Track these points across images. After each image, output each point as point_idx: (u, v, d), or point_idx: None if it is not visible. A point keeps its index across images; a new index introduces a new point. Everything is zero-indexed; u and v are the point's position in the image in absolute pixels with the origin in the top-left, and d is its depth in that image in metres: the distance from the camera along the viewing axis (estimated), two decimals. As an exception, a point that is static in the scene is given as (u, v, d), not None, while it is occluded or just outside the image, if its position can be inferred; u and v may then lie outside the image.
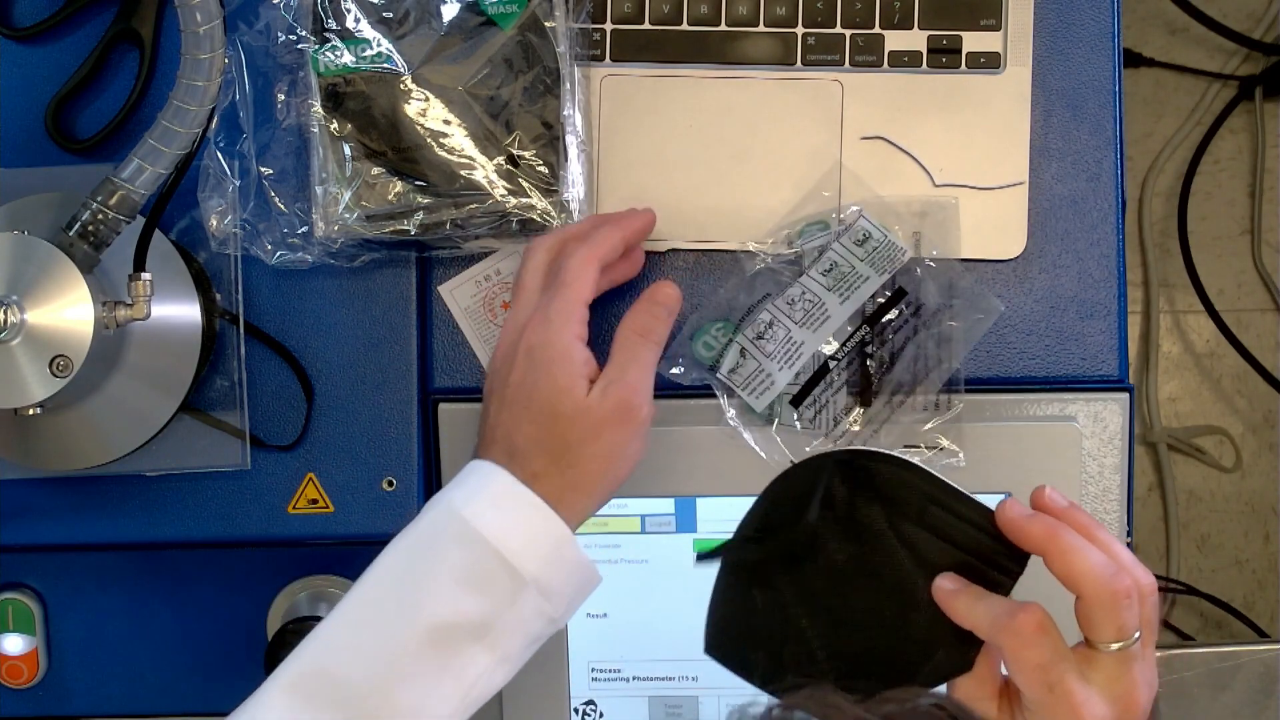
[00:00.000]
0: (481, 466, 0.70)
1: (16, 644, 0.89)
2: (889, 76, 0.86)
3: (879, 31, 0.86)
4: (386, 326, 0.86)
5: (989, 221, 0.86)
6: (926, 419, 0.84)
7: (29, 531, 0.86)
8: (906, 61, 0.86)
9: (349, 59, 0.82)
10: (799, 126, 0.86)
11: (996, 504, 0.62)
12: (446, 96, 0.82)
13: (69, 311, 0.73)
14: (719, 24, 0.86)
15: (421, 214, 0.82)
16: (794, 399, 0.85)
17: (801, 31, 0.86)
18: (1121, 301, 0.87)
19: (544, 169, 0.82)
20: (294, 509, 0.86)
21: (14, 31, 0.86)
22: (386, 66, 0.82)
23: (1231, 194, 1.71)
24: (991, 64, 0.86)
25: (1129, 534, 0.87)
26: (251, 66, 0.84)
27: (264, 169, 0.83)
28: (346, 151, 0.82)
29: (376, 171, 0.82)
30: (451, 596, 0.66)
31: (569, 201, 0.82)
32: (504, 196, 0.82)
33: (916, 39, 0.86)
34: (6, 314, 0.72)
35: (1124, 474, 0.86)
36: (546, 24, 0.82)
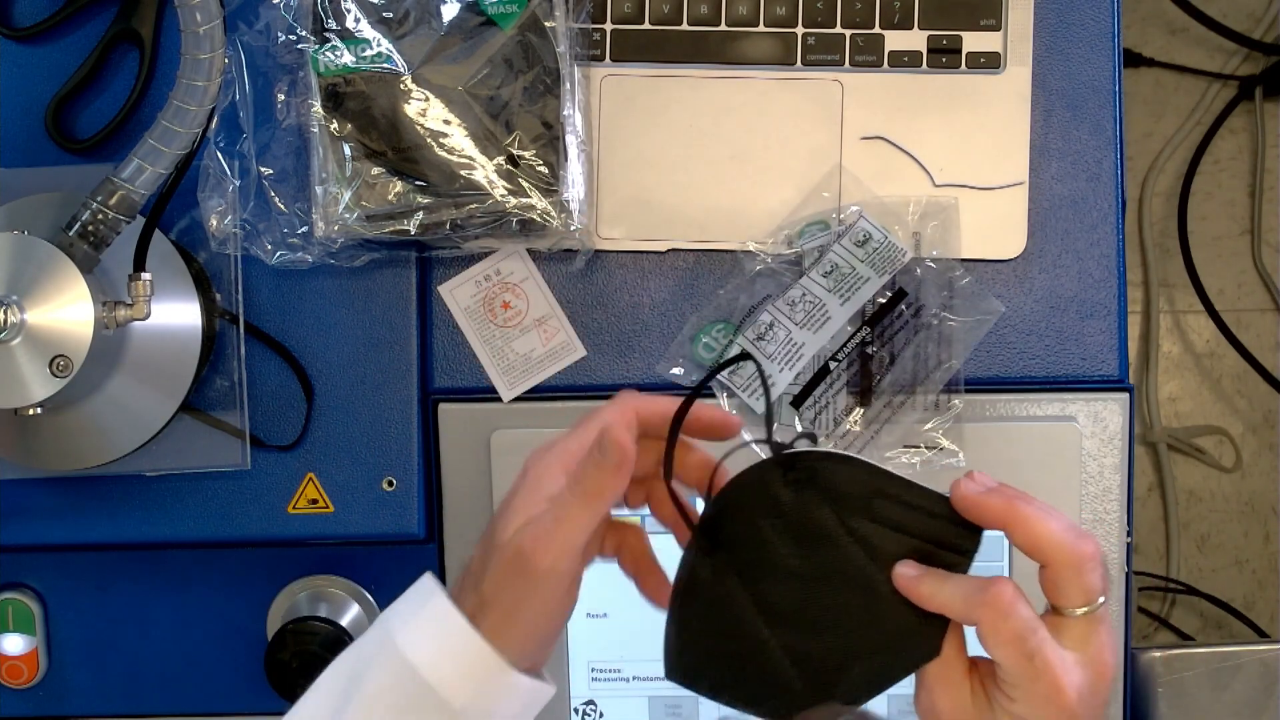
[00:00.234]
0: (424, 585, 0.66)
1: (16, 644, 0.89)
2: (889, 76, 0.86)
3: (879, 31, 0.86)
4: (386, 326, 0.86)
5: (989, 221, 0.86)
6: (926, 419, 0.84)
7: (29, 531, 0.86)
8: (906, 61, 0.86)
9: (349, 59, 0.82)
10: (799, 126, 0.86)
11: (950, 484, 0.62)
12: (446, 96, 0.82)
13: (69, 311, 0.73)
14: (719, 24, 0.86)
15: (421, 214, 0.82)
16: (795, 400, 0.85)
17: (801, 31, 0.86)
18: (1121, 301, 0.87)
19: (544, 169, 0.82)
20: (294, 509, 0.86)
21: (14, 31, 0.86)
22: (386, 66, 0.82)
23: (1231, 194, 1.71)
24: (991, 64, 0.86)
25: (1129, 534, 0.87)
26: (251, 66, 0.84)
27: (264, 169, 0.83)
28: (346, 151, 0.82)
29: (376, 171, 0.82)
30: None
31: (569, 201, 0.82)
32: (504, 196, 0.81)
33: (916, 39, 0.86)
34: (6, 314, 0.72)
35: (1124, 474, 0.86)
36: (546, 24, 0.82)
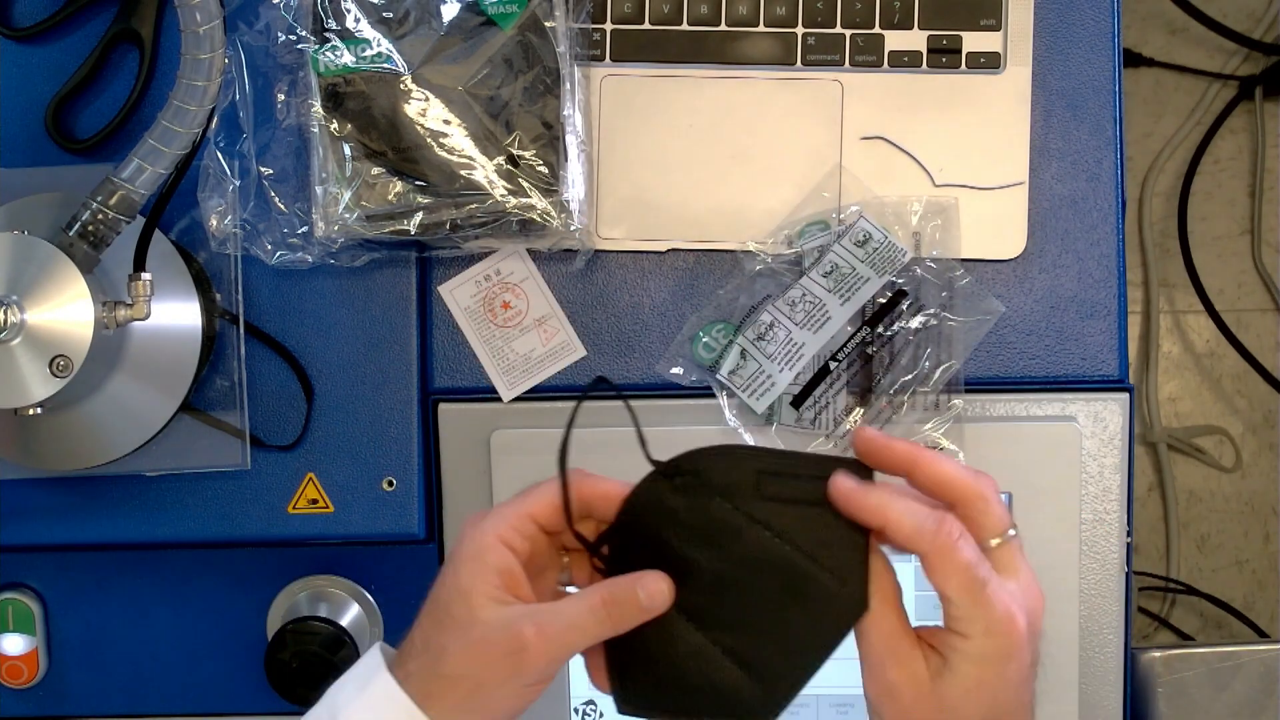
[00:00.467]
0: (371, 660, 0.65)
1: (16, 644, 0.88)
2: (889, 76, 0.86)
3: (879, 31, 0.86)
4: (386, 326, 0.86)
5: (989, 221, 0.86)
6: (926, 419, 0.84)
7: (29, 531, 0.86)
8: (906, 61, 0.86)
9: (349, 59, 0.82)
10: (799, 126, 0.86)
11: (853, 435, 0.63)
12: (446, 96, 0.82)
13: (69, 311, 0.73)
14: (719, 24, 0.86)
15: (421, 214, 0.82)
16: (795, 400, 0.85)
17: (801, 31, 0.86)
18: (1121, 301, 0.87)
19: (544, 169, 0.82)
20: (294, 509, 0.86)
21: (14, 31, 0.86)
22: (386, 66, 0.82)
23: (1231, 194, 1.71)
24: (991, 64, 0.86)
25: (1129, 534, 0.87)
26: (251, 66, 0.84)
27: (264, 169, 0.83)
28: (346, 151, 0.82)
29: (376, 171, 0.82)
30: None
31: (569, 201, 0.82)
32: (504, 196, 0.81)
33: (916, 39, 0.86)
34: (6, 314, 0.72)
35: (1124, 474, 0.86)
36: (546, 24, 0.82)
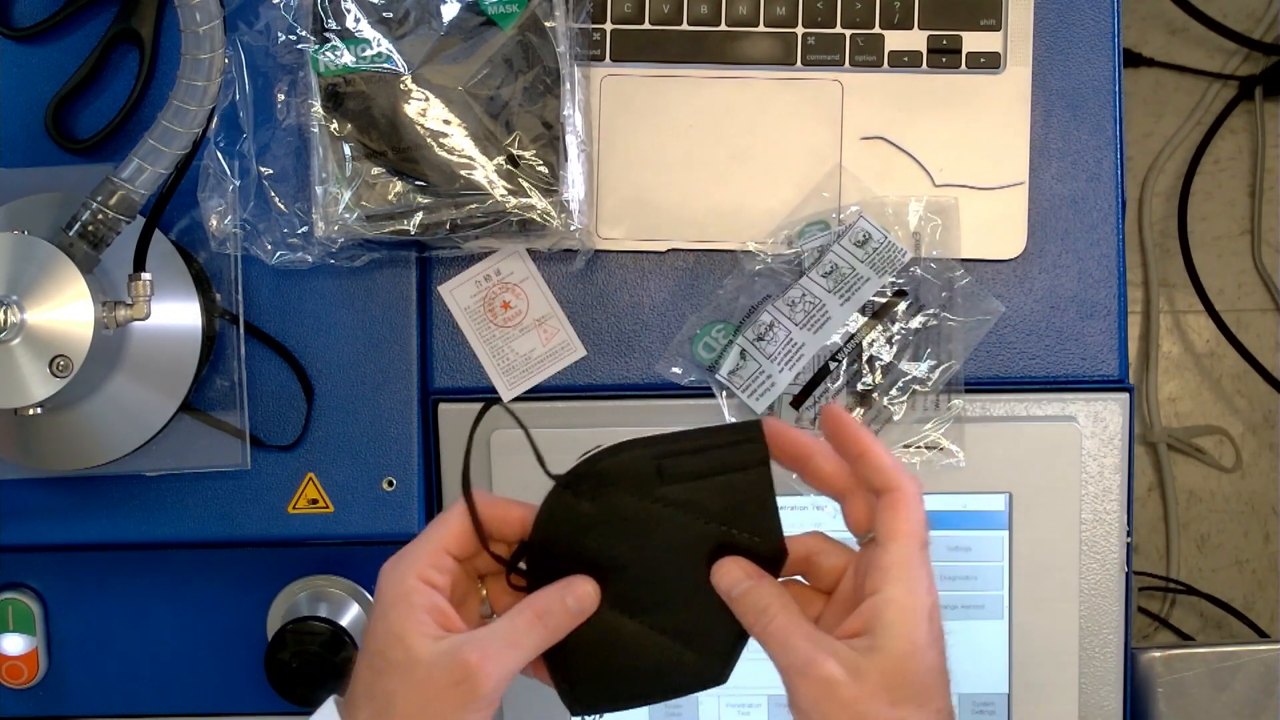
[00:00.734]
0: (327, 710, 0.64)
1: (16, 644, 0.88)
2: (889, 76, 0.86)
3: (879, 31, 0.86)
4: (386, 326, 0.86)
5: (989, 221, 0.86)
6: (926, 419, 0.84)
7: (29, 531, 0.86)
8: (906, 61, 0.86)
9: (349, 59, 0.82)
10: (799, 126, 0.86)
11: (821, 410, 0.65)
12: (446, 96, 0.82)
13: (69, 311, 0.73)
14: (719, 24, 0.86)
15: (421, 214, 0.82)
16: (795, 400, 0.85)
17: (801, 31, 0.86)
18: (1121, 301, 0.87)
19: (544, 169, 0.82)
20: (294, 509, 0.86)
21: (14, 31, 0.86)
22: (386, 66, 0.82)
23: (1231, 194, 1.71)
24: (991, 64, 0.86)
25: (1129, 534, 0.87)
26: (251, 66, 0.84)
27: (264, 169, 0.83)
28: (346, 151, 0.82)
29: (376, 171, 0.82)
30: None
31: (569, 201, 0.82)
32: (504, 196, 0.81)
33: (916, 39, 0.86)
34: (6, 314, 0.72)
35: (1124, 474, 0.86)
36: (546, 24, 0.82)
